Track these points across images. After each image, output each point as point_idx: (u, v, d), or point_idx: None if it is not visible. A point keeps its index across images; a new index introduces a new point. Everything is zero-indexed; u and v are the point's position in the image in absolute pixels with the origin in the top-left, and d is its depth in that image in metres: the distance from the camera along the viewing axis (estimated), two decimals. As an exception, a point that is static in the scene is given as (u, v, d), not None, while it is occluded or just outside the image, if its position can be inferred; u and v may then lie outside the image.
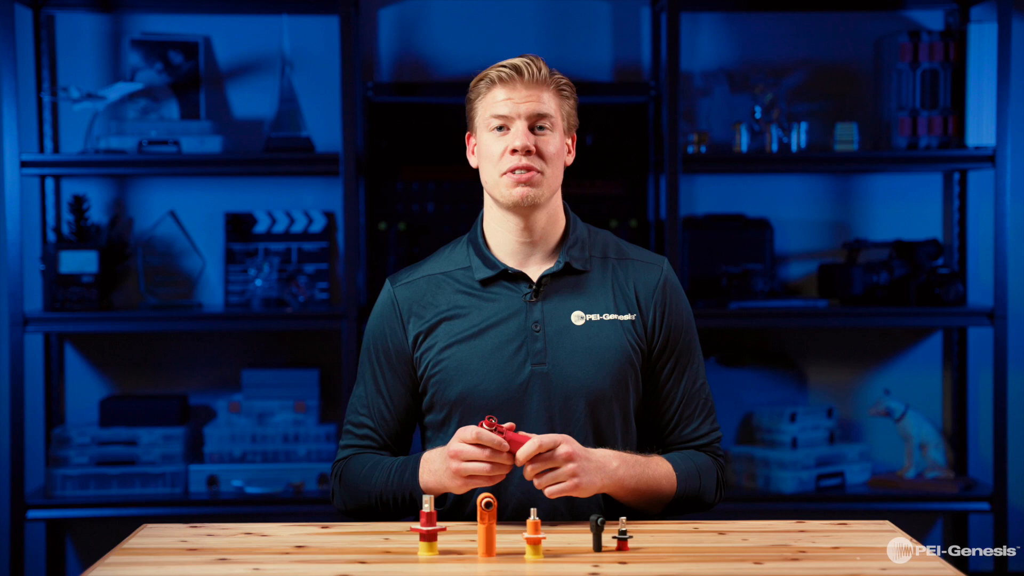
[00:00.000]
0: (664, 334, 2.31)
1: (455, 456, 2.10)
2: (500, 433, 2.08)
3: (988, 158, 3.97)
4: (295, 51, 4.16)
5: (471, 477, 2.10)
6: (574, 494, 2.12)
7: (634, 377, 2.29)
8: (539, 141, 2.25)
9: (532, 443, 2.08)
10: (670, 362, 2.32)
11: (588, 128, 4.17)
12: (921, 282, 4.05)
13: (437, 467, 2.17)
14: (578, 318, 2.28)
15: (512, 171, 2.24)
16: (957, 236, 4.26)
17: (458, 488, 2.13)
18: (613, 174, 4.22)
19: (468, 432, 2.09)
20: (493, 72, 2.27)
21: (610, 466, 2.17)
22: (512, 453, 2.09)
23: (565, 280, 2.30)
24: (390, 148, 4.20)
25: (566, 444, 2.10)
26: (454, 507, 2.30)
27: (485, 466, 2.09)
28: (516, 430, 2.20)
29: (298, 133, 4.06)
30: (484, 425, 2.08)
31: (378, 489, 2.26)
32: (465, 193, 4.19)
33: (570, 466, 2.10)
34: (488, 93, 2.27)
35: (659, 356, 2.31)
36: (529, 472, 2.10)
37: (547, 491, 2.10)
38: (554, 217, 2.32)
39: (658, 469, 2.24)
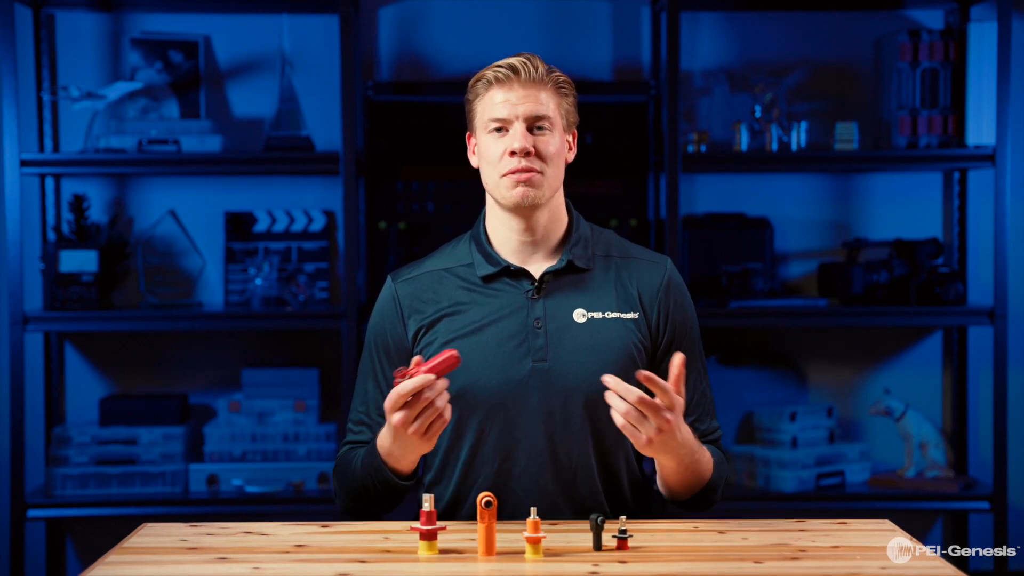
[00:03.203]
0: (668, 333, 2.31)
1: (402, 425, 2.06)
2: (414, 374, 2.03)
3: (988, 157, 3.97)
4: (295, 51, 4.16)
5: (427, 431, 2.07)
6: (638, 446, 2.07)
7: (637, 376, 2.29)
8: (538, 142, 2.24)
9: (671, 391, 2.02)
10: (676, 361, 2.31)
11: (588, 128, 4.17)
12: (921, 281, 4.05)
13: (390, 442, 2.14)
14: (580, 315, 2.28)
15: (512, 173, 2.24)
16: (957, 235, 4.26)
17: (426, 446, 2.10)
18: (613, 173, 4.22)
19: (392, 396, 2.04)
20: (490, 73, 2.26)
21: (679, 447, 2.11)
22: (439, 376, 2.03)
23: (567, 278, 2.30)
24: (390, 148, 4.20)
25: (673, 414, 2.04)
26: (450, 507, 2.30)
27: (431, 411, 2.05)
28: (516, 426, 2.21)
29: (298, 132, 4.06)
30: (397, 380, 2.04)
31: (358, 481, 2.25)
32: (465, 193, 4.19)
33: (659, 427, 2.03)
34: (486, 94, 2.27)
35: (664, 355, 2.30)
36: (624, 407, 2.01)
37: (620, 425, 2.04)
38: (556, 215, 2.32)
39: (705, 455, 2.23)
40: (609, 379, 2.03)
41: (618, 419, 2.04)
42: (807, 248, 4.31)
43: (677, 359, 2.05)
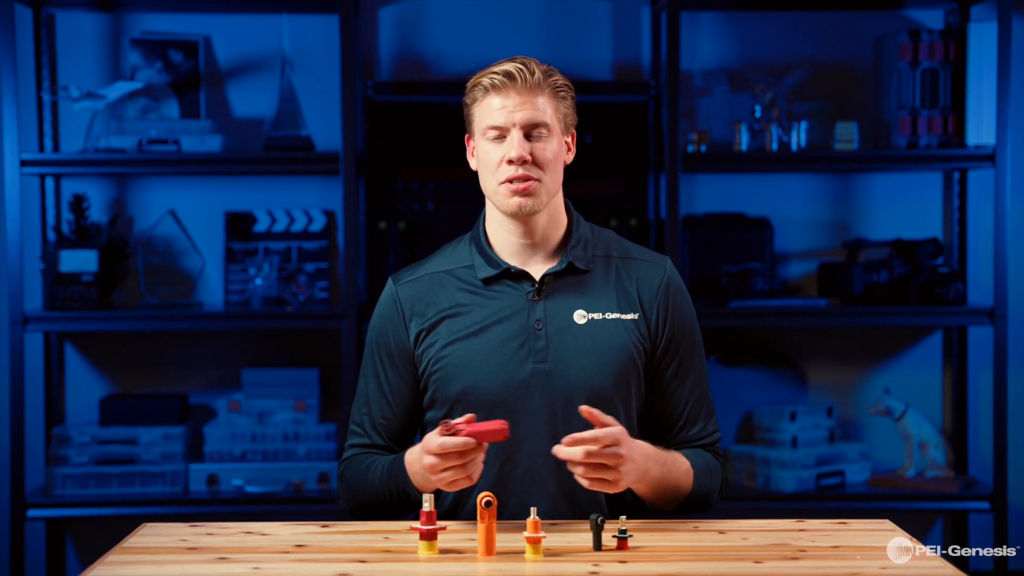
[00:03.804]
0: (668, 334, 2.31)
1: (431, 469, 2.08)
2: (461, 431, 2.05)
3: (988, 157, 3.97)
4: (295, 50, 4.16)
5: (454, 481, 2.09)
6: (610, 490, 2.11)
7: (637, 377, 2.29)
8: (535, 148, 2.24)
9: (602, 435, 2.05)
10: (674, 362, 2.31)
11: (588, 128, 4.17)
12: (921, 281, 4.05)
13: (418, 470, 2.16)
14: (580, 317, 2.28)
15: (509, 181, 2.24)
16: (957, 235, 4.26)
17: (448, 489, 2.12)
18: (613, 173, 4.22)
19: (433, 444, 2.06)
20: (486, 79, 2.24)
21: (645, 466, 2.15)
22: (481, 443, 2.05)
23: (567, 279, 2.30)
24: (390, 147, 4.20)
25: (622, 447, 2.08)
26: (452, 508, 2.30)
27: (461, 471, 2.07)
28: (517, 428, 2.20)
29: (298, 132, 4.06)
30: (442, 431, 2.06)
31: (374, 489, 2.27)
32: (465, 193, 4.19)
33: (616, 464, 2.07)
34: (483, 100, 2.26)
35: (663, 356, 2.31)
36: (581, 470, 2.06)
37: (587, 485, 2.08)
38: (555, 217, 2.32)
39: (680, 467, 2.24)
40: (565, 443, 2.06)
41: (583, 482, 2.08)
42: (807, 248, 4.31)
43: (583, 410, 2.09)
